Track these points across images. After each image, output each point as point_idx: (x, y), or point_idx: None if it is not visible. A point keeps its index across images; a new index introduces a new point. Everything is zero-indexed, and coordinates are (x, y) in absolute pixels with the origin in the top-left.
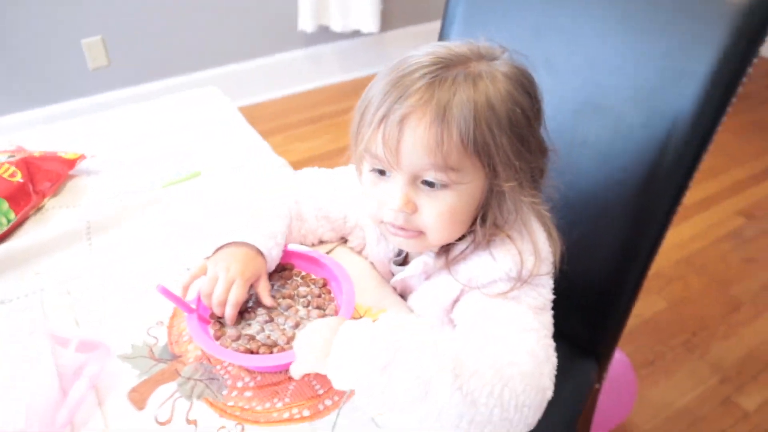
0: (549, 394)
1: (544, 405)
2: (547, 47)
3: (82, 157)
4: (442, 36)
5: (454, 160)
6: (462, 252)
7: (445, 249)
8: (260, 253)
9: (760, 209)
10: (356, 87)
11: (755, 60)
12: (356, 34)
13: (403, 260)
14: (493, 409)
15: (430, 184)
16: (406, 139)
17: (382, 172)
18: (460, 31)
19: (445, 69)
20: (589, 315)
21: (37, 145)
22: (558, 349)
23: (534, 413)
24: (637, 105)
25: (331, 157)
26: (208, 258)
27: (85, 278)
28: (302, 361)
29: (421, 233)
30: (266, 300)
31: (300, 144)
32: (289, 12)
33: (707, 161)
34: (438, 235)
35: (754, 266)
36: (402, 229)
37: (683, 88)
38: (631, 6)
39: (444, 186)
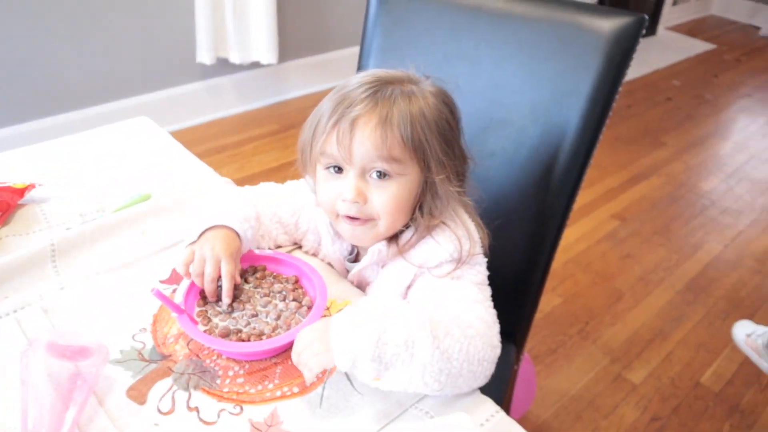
0: (498, 351)
1: (496, 360)
2: (456, 72)
3: (31, 186)
4: (361, 65)
5: (396, 154)
6: (409, 239)
7: (394, 238)
8: (237, 234)
9: (630, 212)
10: (257, 117)
11: (623, 81)
12: (255, 65)
13: (355, 257)
14: (463, 363)
15: (379, 174)
16: (357, 138)
17: (337, 170)
18: (377, 61)
19: (384, 85)
20: (507, 305)
21: None
22: None
23: (490, 367)
24: (534, 120)
25: (240, 185)
26: (192, 243)
27: (58, 296)
28: (311, 365)
29: (372, 220)
30: (237, 278)
31: None
32: (188, 44)
33: None
34: (386, 221)
35: (629, 261)
36: (356, 219)
37: (571, 104)
38: (524, 36)
39: (389, 177)
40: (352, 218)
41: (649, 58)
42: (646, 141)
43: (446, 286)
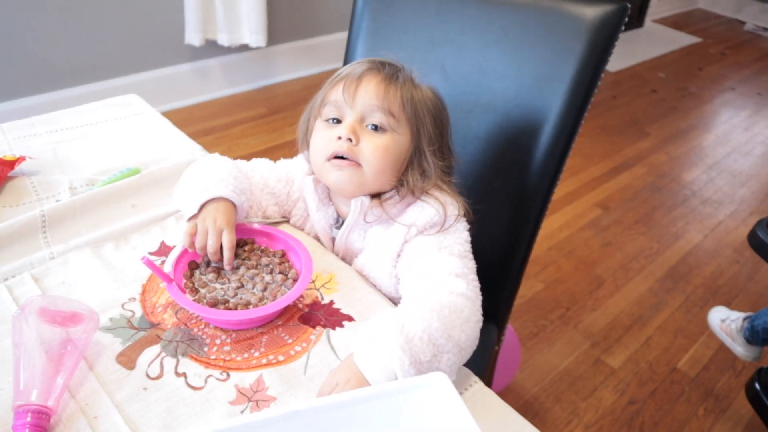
0: (481, 324)
1: (479, 333)
2: (442, 56)
3: (21, 159)
4: (349, 48)
5: (395, 110)
6: (391, 197)
7: (377, 196)
8: (234, 206)
9: (612, 201)
10: (245, 100)
11: (605, 68)
12: (243, 48)
13: (341, 226)
14: (466, 349)
15: (375, 127)
16: (362, 87)
17: (336, 122)
18: (365, 44)
19: (386, 66)
20: (489, 287)
21: None
22: None
23: (477, 341)
24: (518, 104)
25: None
26: (193, 217)
27: (49, 266)
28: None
29: (358, 165)
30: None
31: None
32: (176, 25)
33: (569, 161)
34: (372, 168)
35: (611, 249)
36: (344, 159)
37: (554, 90)
38: (508, 21)
39: (383, 129)
40: (341, 159)
41: (636, 49)
42: (630, 131)
43: (432, 258)
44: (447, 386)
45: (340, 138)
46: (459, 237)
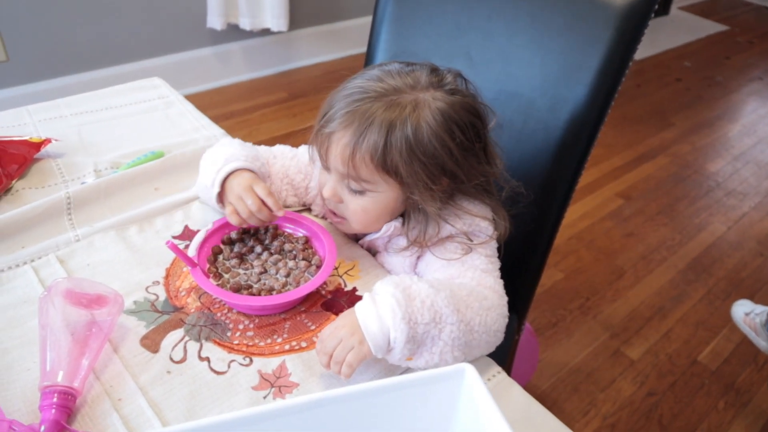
0: (507, 320)
1: (505, 329)
2: (467, 43)
3: (47, 141)
4: (374, 33)
5: (364, 174)
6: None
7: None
8: (252, 171)
9: (635, 191)
10: (266, 84)
11: (633, 57)
12: (265, 32)
13: None
14: (482, 335)
15: (352, 188)
16: (331, 152)
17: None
18: (389, 30)
19: (375, 99)
20: (509, 276)
21: None
22: None
23: (501, 336)
24: (543, 93)
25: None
26: (222, 200)
27: (74, 247)
28: (349, 361)
29: (346, 220)
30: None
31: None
32: (198, 10)
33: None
34: (357, 226)
35: (633, 240)
36: (332, 213)
37: (580, 79)
38: (536, 9)
39: (361, 192)
40: (330, 211)
41: (661, 38)
42: (653, 121)
43: (460, 257)
44: (475, 379)
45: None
46: (485, 242)
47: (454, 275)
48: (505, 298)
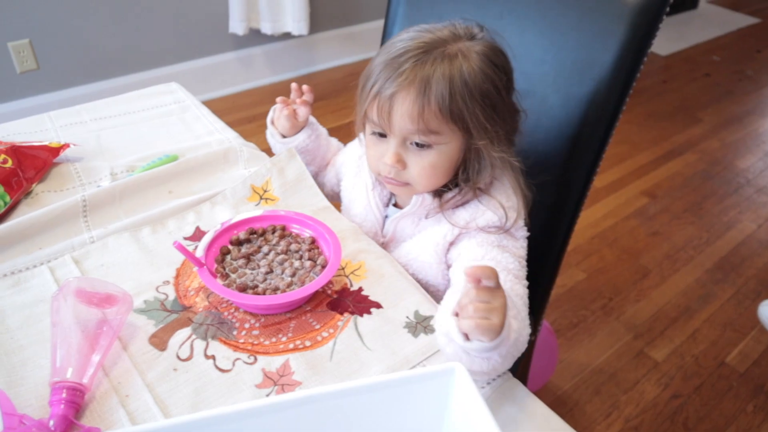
0: (530, 332)
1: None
2: None
3: (66, 146)
4: (386, 35)
5: (434, 126)
6: (453, 198)
7: (438, 194)
8: None
9: (660, 189)
10: (287, 88)
11: (649, 52)
12: (286, 36)
13: (395, 204)
14: (522, 345)
15: (418, 145)
16: (396, 110)
17: (381, 135)
18: (402, 29)
19: (425, 53)
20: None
21: (12, 137)
22: None
23: (524, 346)
24: (556, 90)
25: (270, 155)
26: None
27: (89, 249)
28: (483, 326)
29: (409, 184)
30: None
31: None
32: (220, 15)
33: (614, 149)
34: (422, 186)
35: (658, 239)
36: (394, 180)
37: (594, 75)
38: (547, 5)
39: (428, 146)
40: (391, 180)
41: (689, 32)
42: (680, 117)
43: (494, 257)
44: (464, 378)
45: (385, 163)
46: (517, 243)
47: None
48: (528, 307)
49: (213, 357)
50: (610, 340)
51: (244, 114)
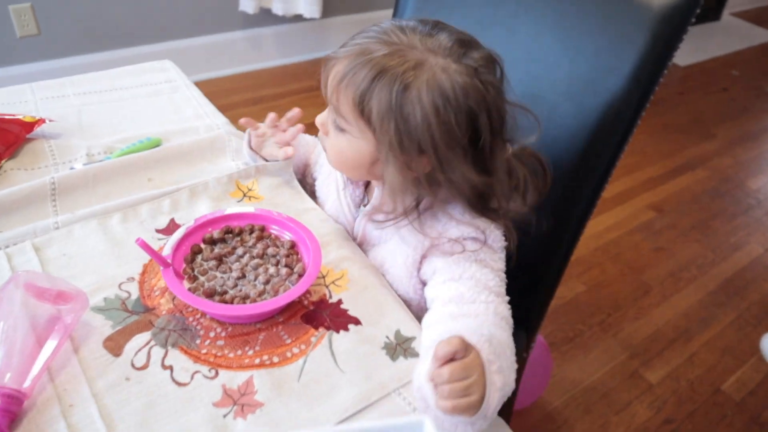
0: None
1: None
2: (490, 40)
3: (41, 121)
4: None
5: (344, 111)
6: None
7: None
8: None
9: (668, 204)
10: (296, 71)
11: (669, 64)
12: (297, 18)
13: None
14: (510, 390)
15: (337, 126)
16: (328, 76)
17: None
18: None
19: (385, 44)
20: (521, 289)
21: None
22: None
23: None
24: (569, 97)
25: None
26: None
27: (52, 235)
28: (460, 405)
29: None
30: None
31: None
32: None
33: (623, 159)
34: (332, 162)
35: (662, 255)
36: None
37: (611, 84)
38: (565, 7)
39: (342, 129)
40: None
41: (709, 44)
42: (694, 131)
43: (473, 274)
44: None
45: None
46: (495, 255)
47: (465, 295)
48: (511, 323)
49: (171, 368)
50: (605, 358)
51: (250, 95)
